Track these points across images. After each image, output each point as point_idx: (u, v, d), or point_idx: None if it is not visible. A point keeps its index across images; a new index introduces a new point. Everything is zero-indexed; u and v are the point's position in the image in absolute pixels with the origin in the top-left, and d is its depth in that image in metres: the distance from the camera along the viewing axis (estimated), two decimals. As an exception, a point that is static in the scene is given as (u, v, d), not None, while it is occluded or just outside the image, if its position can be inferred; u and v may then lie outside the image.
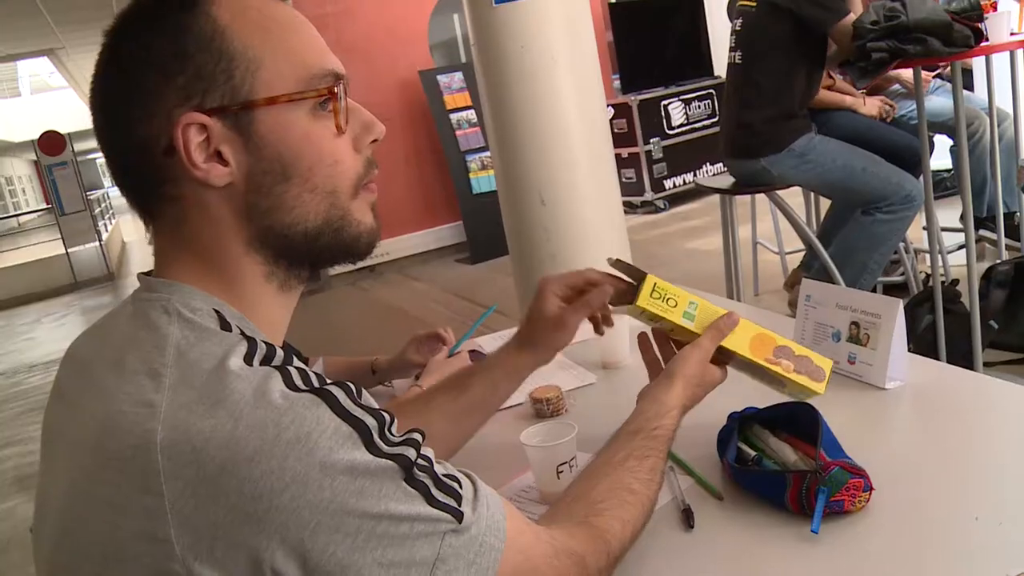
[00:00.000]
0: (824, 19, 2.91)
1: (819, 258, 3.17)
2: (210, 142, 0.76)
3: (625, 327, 1.66)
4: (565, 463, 1.17)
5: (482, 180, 6.94)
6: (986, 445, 1.19)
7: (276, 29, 0.79)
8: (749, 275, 4.37)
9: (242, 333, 0.75)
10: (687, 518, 1.07)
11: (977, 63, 3.56)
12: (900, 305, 1.35)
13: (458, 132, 6.99)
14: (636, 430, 1.03)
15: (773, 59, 3.04)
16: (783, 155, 3.05)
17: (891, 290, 3.70)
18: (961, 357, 2.99)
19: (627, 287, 1.23)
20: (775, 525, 1.03)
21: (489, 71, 3.11)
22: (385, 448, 0.70)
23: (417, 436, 0.75)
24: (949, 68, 3.81)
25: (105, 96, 0.79)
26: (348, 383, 0.73)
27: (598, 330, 1.31)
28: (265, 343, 0.74)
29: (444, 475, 0.75)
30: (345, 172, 0.82)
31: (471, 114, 6.99)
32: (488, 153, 6.84)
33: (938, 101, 3.79)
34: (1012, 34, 2.88)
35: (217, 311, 0.77)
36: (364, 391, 0.75)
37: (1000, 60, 3.51)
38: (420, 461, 0.73)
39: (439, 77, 7.02)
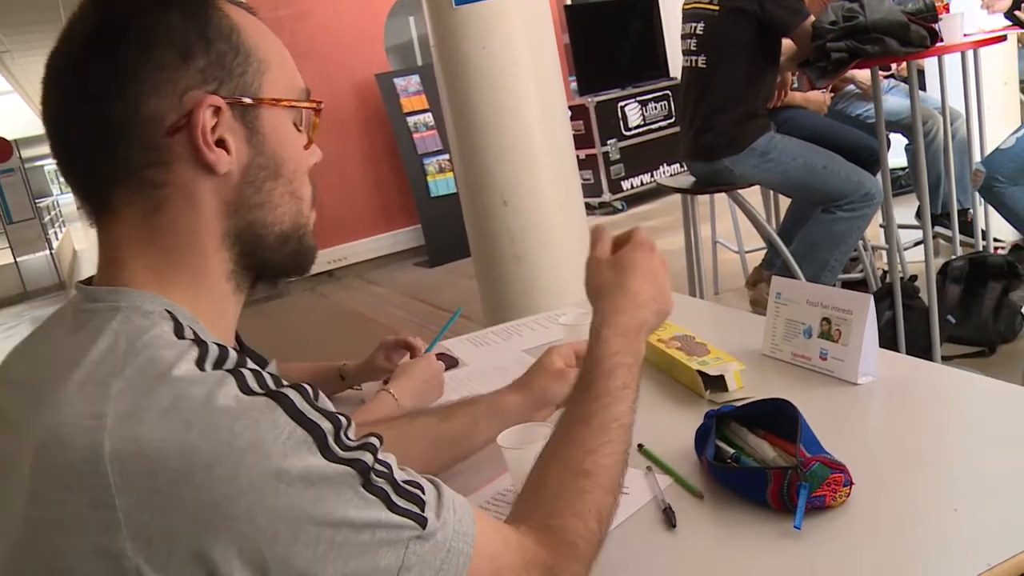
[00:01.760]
0: (789, 21, 2.95)
1: (780, 256, 3.20)
2: (218, 128, 0.77)
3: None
4: None
5: (440, 183, 6.92)
6: (960, 437, 1.20)
7: (274, 40, 0.84)
8: (709, 274, 4.40)
9: (195, 336, 0.73)
10: (668, 517, 1.06)
11: (930, 63, 3.62)
12: (871, 301, 1.36)
13: (415, 135, 6.96)
14: (582, 386, 0.94)
15: (738, 62, 3.06)
16: (744, 154, 3.07)
17: (850, 287, 3.74)
18: (920, 351, 3.04)
19: None
20: (757, 522, 1.03)
21: (450, 73, 3.10)
22: (341, 453, 0.69)
23: (374, 440, 0.73)
24: (902, 68, 3.90)
25: (101, 68, 0.75)
26: (305, 385, 0.72)
27: None
28: (218, 345, 0.72)
29: (405, 481, 0.73)
30: (307, 183, 0.86)
31: (428, 117, 6.97)
32: (446, 156, 6.84)
33: (892, 101, 3.85)
34: (965, 35, 2.93)
35: (170, 312, 0.74)
36: (321, 393, 0.73)
37: (952, 60, 3.58)
38: (378, 466, 0.71)
39: (396, 80, 6.98)
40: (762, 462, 1.10)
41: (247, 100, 0.79)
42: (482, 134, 3.06)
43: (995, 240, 3.88)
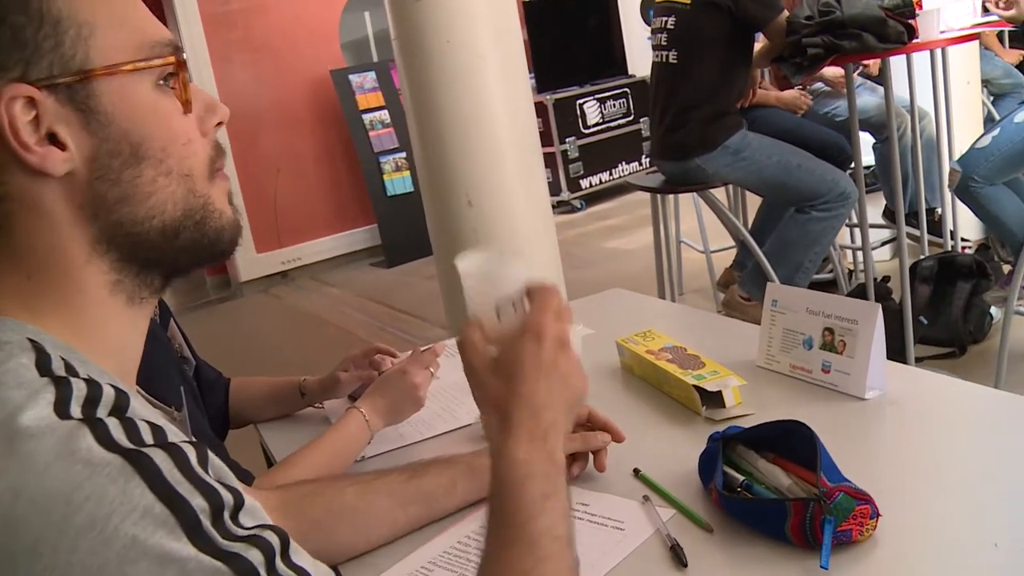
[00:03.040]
0: (763, 16, 2.88)
1: (753, 257, 3.13)
2: (40, 121, 0.62)
3: (577, 337, 1.55)
4: (508, 298, 0.85)
5: (396, 182, 6.78)
6: (992, 461, 1.10)
7: None
8: (673, 274, 4.33)
9: (65, 369, 0.58)
10: (678, 556, 0.96)
11: (898, 61, 3.58)
12: (879, 310, 1.27)
13: (371, 133, 6.81)
14: (492, 512, 0.74)
15: (711, 57, 2.98)
16: (717, 153, 2.99)
17: (819, 287, 3.69)
18: (894, 353, 2.98)
19: None
20: (777, 560, 0.93)
21: (412, 68, 2.97)
22: (219, 541, 0.53)
23: (270, 537, 0.57)
24: (869, 66, 3.86)
25: None
26: (188, 445, 0.57)
27: (598, 466, 1.19)
28: (87, 382, 0.58)
29: None
30: (197, 153, 0.70)
31: (384, 115, 6.83)
32: (403, 154, 6.71)
33: (860, 99, 3.80)
34: (941, 32, 2.88)
35: (33, 341, 0.60)
36: (213, 458, 0.59)
37: (920, 58, 3.54)
38: (280, 569, 0.55)
39: (351, 77, 6.83)
40: (777, 491, 1.00)
41: (69, 77, 0.63)
42: (446, 131, 2.93)
43: (962, 240, 3.86)
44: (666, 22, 3.09)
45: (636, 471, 1.16)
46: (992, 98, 4.96)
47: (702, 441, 1.12)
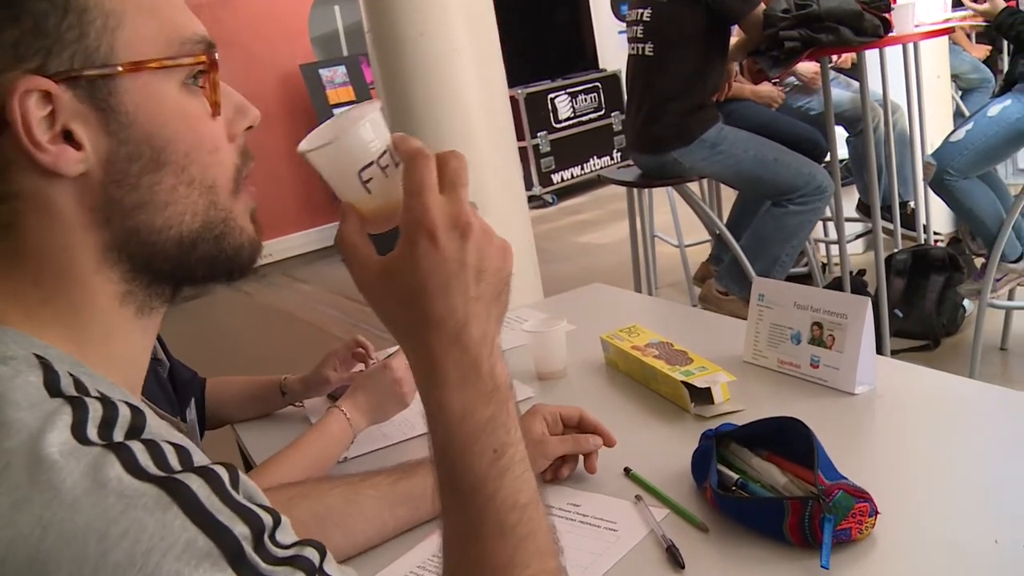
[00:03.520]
0: (739, 9, 2.86)
1: (730, 251, 3.12)
2: (56, 117, 0.57)
3: (562, 333, 1.54)
4: (371, 163, 0.69)
5: (367, 177, 6.73)
6: (988, 455, 1.09)
7: None
8: (650, 269, 4.32)
9: (75, 387, 0.54)
10: (674, 556, 0.94)
11: (871, 55, 3.59)
12: (868, 304, 1.26)
13: (342, 127, 6.75)
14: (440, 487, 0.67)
15: (687, 50, 2.96)
16: (694, 146, 2.98)
17: (795, 280, 3.69)
18: (870, 347, 3.00)
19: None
20: (775, 560, 0.92)
21: (385, 61, 2.93)
22: (262, 567, 0.50)
23: (310, 554, 0.54)
24: (841, 60, 3.87)
25: None
26: (221, 466, 0.54)
27: (588, 467, 1.18)
28: (101, 400, 0.54)
29: None
30: (224, 163, 0.65)
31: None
32: (375, 149, 6.65)
33: (834, 93, 3.81)
34: (916, 26, 2.89)
35: (39, 357, 0.55)
36: (243, 477, 0.55)
37: (892, 52, 3.56)
38: None
39: (321, 71, 6.76)
40: (772, 489, 0.99)
41: (91, 72, 0.57)
42: (420, 125, 2.89)
43: (934, 233, 3.89)
44: (641, 14, 3.07)
45: (627, 470, 1.14)
46: (960, 92, 5.00)
47: (692, 439, 1.10)
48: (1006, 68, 3.25)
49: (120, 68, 0.59)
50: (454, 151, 0.66)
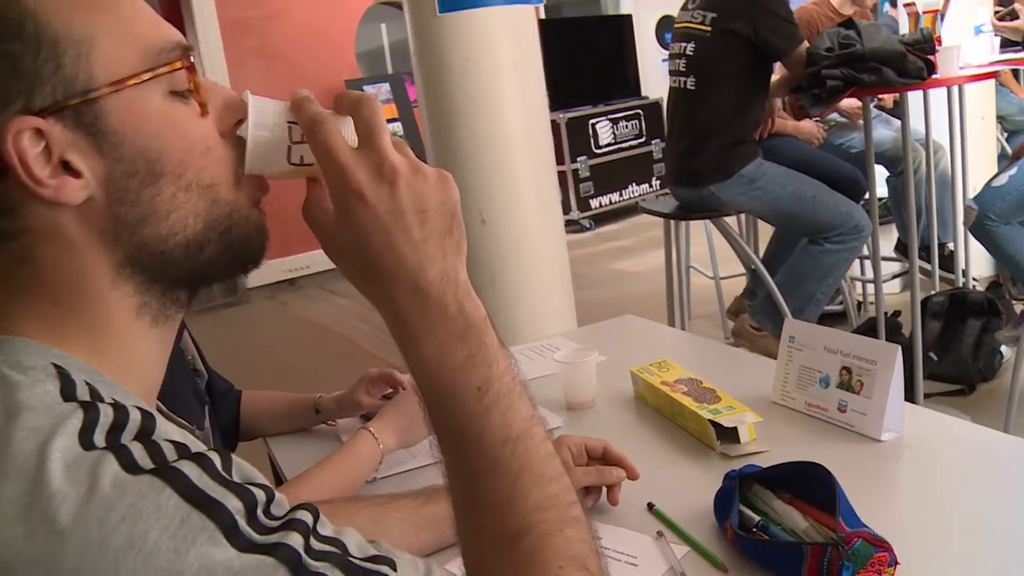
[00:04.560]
0: (783, 47, 2.87)
1: (764, 286, 3.12)
2: (51, 151, 0.59)
3: (592, 365, 1.55)
4: (290, 146, 0.69)
5: (407, 194, 6.78)
6: (1013, 511, 1.09)
7: (99, 1, 0.63)
8: (684, 300, 4.32)
9: (90, 394, 0.57)
10: (693, 595, 0.95)
11: (914, 95, 3.59)
12: (898, 351, 1.26)
13: (384, 144, 6.82)
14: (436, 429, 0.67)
15: (729, 85, 2.98)
16: (732, 181, 2.99)
17: (829, 319, 3.68)
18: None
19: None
20: (793, 605, 0.92)
21: (430, 83, 2.97)
22: (257, 537, 0.52)
23: (302, 515, 0.56)
24: (884, 99, 3.86)
25: None
26: (215, 451, 0.56)
27: (611, 499, 1.19)
28: (114, 406, 0.56)
29: (367, 559, 0.57)
30: (220, 159, 0.67)
31: (397, 127, 6.84)
32: (414, 167, 6.71)
33: (875, 132, 3.80)
34: (960, 68, 2.88)
35: (58, 366, 0.58)
36: (237, 460, 0.57)
37: (936, 93, 3.54)
38: (316, 546, 0.55)
39: (366, 87, 6.84)
40: (793, 533, 0.99)
41: (74, 100, 0.60)
42: (462, 149, 2.93)
43: (973, 279, 3.85)
44: (685, 48, 3.09)
45: (650, 505, 1.15)
46: (1006, 135, 4.96)
47: (716, 477, 1.11)
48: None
49: (101, 91, 0.61)
50: (361, 96, 0.65)
